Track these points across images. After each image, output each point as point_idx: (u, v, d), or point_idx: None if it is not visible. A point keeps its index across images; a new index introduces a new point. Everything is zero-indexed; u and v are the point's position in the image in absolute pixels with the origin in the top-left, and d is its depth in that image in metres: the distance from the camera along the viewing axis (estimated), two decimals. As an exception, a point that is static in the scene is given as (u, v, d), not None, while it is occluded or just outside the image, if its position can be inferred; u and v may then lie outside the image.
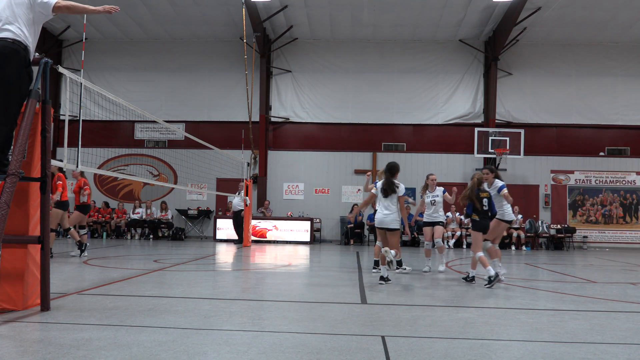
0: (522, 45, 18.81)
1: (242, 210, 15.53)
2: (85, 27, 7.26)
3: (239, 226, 15.67)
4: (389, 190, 7.21)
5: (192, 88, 19.60)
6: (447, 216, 16.69)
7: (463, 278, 7.73)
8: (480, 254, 7.21)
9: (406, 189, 7.72)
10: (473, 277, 7.47)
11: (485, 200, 7.34)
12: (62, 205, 10.11)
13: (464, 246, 16.51)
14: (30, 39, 4.55)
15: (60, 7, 4.64)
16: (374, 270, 8.47)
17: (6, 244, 4.62)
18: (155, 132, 19.79)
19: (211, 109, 19.56)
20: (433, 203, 9.05)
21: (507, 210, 7.85)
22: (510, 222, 7.98)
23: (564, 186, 18.76)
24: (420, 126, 19.22)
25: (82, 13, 4.82)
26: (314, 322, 4.52)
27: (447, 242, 16.32)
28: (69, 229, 10.48)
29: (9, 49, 4.38)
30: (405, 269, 8.76)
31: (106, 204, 18.54)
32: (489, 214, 7.39)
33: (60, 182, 9.93)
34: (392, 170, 7.33)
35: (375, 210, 7.55)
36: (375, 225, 7.45)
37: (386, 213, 7.19)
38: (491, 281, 6.90)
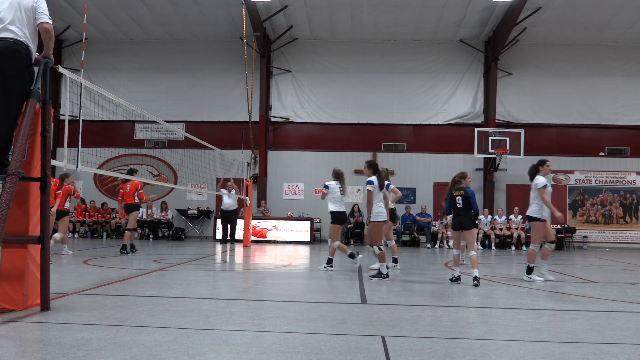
0: (522, 45, 18.80)
1: (234, 209, 15.52)
2: (85, 27, 7.25)
3: (232, 225, 15.67)
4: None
5: (192, 88, 19.59)
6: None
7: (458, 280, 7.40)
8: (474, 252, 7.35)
9: (406, 189, 8.08)
10: (476, 277, 7.13)
11: (458, 199, 7.44)
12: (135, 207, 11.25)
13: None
14: (31, 40, 4.57)
15: (47, 30, 4.64)
16: (324, 268, 8.65)
17: (6, 244, 4.62)
18: (155, 132, 19.79)
19: (211, 109, 19.56)
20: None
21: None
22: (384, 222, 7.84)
23: (564, 186, 18.76)
24: (420, 126, 19.21)
25: (47, 47, 4.80)
26: (314, 322, 4.53)
27: (448, 242, 16.31)
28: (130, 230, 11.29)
29: (10, 49, 4.38)
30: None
31: (102, 205, 18.54)
32: (465, 211, 7.42)
33: (122, 191, 11.25)
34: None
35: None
36: (385, 220, 7.79)
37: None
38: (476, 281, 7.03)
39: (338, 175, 8.82)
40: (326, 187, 8.72)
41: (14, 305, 4.63)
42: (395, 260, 9.37)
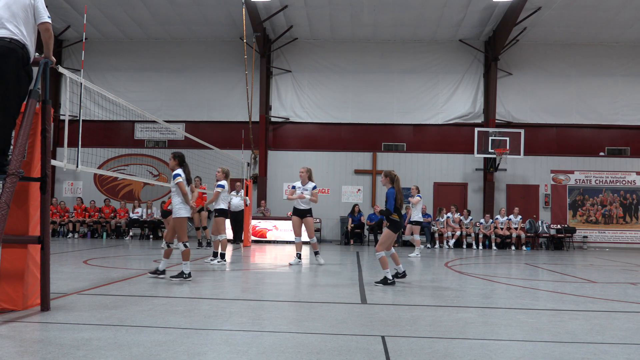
0: (522, 45, 18.80)
1: (241, 210, 15.56)
2: (85, 27, 7.25)
3: (239, 226, 15.70)
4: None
5: (192, 88, 19.59)
6: (448, 216, 16.72)
7: (380, 282, 7.04)
8: (383, 254, 7.06)
9: (406, 189, 7.91)
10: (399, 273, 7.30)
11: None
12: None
13: (464, 246, 16.51)
14: (28, 38, 4.52)
15: (47, 29, 4.63)
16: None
17: (6, 244, 4.62)
18: (155, 132, 19.79)
19: (211, 109, 19.56)
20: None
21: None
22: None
23: (564, 186, 18.76)
24: (420, 126, 19.21)
25: (47, 47, 4.75)
26: (314, 322, 4.52)
27: (447, 241, 16.32)
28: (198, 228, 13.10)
29: (5, 48, 4.35)
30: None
31: (106, 204, 18.55)
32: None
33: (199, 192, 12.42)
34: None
35: (376, 212, 7.59)
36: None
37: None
38: (387, 283, 6.91)
39: (227, 175, 9.60)
40: (222, 186, 9.50)
41: (14, 305, 4.63)
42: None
